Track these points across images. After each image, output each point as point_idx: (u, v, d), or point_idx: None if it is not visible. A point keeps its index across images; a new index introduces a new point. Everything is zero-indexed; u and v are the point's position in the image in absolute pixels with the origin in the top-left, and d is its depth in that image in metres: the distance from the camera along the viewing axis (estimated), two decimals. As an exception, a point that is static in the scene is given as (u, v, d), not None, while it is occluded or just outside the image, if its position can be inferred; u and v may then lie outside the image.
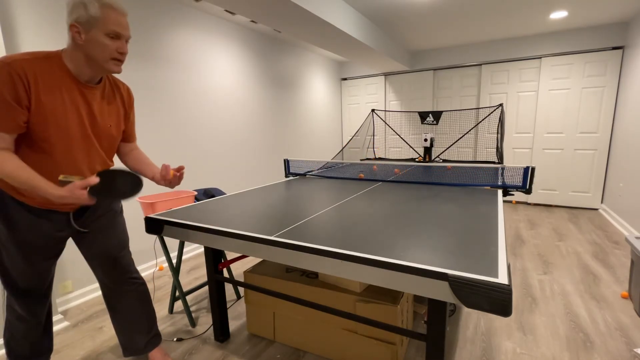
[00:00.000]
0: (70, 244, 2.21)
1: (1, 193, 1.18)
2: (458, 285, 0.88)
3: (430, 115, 3.88)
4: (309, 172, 2.81)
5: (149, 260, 2.72)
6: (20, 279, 1.24)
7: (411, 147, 4.20)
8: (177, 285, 1.92)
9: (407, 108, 5.21)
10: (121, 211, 1.49)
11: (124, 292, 1.46)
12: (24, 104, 1.05)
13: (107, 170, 1.15)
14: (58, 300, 2.15)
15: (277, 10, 2.39)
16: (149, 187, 2.66)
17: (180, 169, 1.34)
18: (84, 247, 1.38)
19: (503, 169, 2.46)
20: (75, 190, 1.07)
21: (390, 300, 1.46)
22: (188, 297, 2.30)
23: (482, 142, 4.78)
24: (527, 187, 1.99)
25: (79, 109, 1.17)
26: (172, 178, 1.32)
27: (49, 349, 1.43)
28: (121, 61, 1.17)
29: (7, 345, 1.34)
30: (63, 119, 1.13)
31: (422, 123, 3.99)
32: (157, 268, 2.74)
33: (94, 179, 1.09)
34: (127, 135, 1.43)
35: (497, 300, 0.83)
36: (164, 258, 2.84)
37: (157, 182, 1.35)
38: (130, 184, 1.18)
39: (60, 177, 1.10)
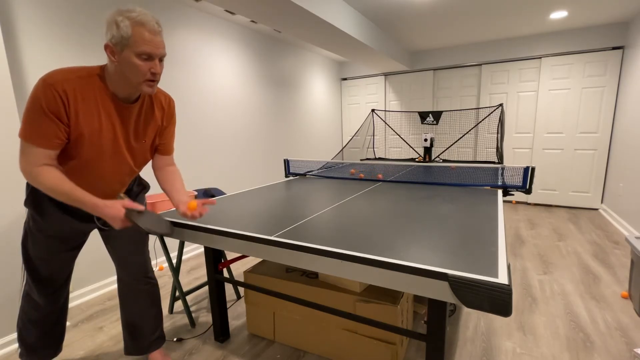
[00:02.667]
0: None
1: (34, 187, 1.24)
2: (458, 285, 0.88)
3: (430, 115, 3.88)
4: (309, 172, 2.81)
5: (149, 260, 2.72)
6: (43, 267, 1.30)
7: (411, 147, 4.20)
8: (177, 285, 1.92)
9: (407, 108, 5.21)
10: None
11: (138, 291, 1.49)
12: (64, 122, 1.07)
13: (153, 212, 1.26)
14: (58, 300, 2.16)
15: (277, 10, 2.39)
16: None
17: (205, 202, 1.29)
18: (108, 242, 1.44)
19: (503, 169, 2.46)
20: (117, 203, 1.13)
21: (390, 300, 1.46)
22: (188, 297, 2.30)
23: (482, 142, 4.78)
24: (527, 187, 1.99)
25: (115, 127, 1.18)
26: (194, 213, 1.26)
27: (60, 340, 1.46)
28: (155, 81, 1.13)
29: (20, 333, 1.37)
30: (97, 137, 1.15)
31: (422, 123, 3.99)
32: (157, 268, 2.74)
33: (140, 206, 1.17)
34: (163, 148, 1.39)
35: (497, 300, 0.83)
36: (164, 258, 2.84)
37: (179, 214, 1.29)
38: (163, 227, 1.27)
39: (121, 195, 1.24)
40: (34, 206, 1.24)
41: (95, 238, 2.35)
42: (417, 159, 3.83)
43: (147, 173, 2.52)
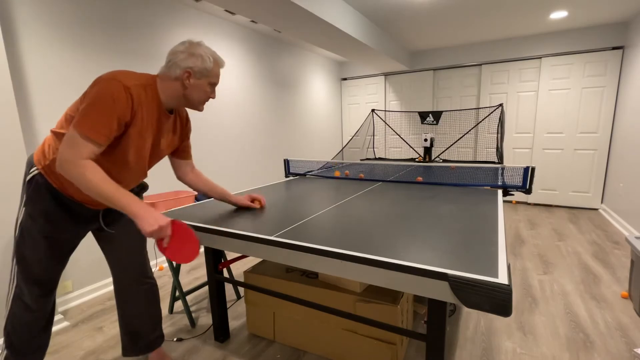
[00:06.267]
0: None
1: (38, 182, 1.22)
2: (458, 285, 0.88)
3: (430, 115, 3.88)
4: (309, 172, 2.81)
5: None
6: (37, 269, 1.29)
7: (411, 147, 4.21)
8: (177, 285, 1.92)
9: (407, 108, 5.21)
10: None
11: (136, 292, 1.49)
12: (122, 124, 1.13)
13: None
14: (58, 300, 2.15)
15: (277, 10, 2.39)
16: (149, 188, 2.66)
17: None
18: (106, 243, 1.44)
19: (503, 169, 2.46)
20: (168, 222, 1.19)
21: (390, 300, 1.46)
22: (188, 297, 2.30)
23: (482, 142, 4.78)
24: (527, 187, 1.99)
25: (154, 135, 1.28)
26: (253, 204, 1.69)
27: (46, 344, 1.44)
28: None
29: (8, 337, 1.35)
30: (142, 142, 1.23)
31: (422, 123, 3.99)
32: (157, 268, 2.74)
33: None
34: (186, 154, 1.53)
35: (497, 300, 0.83)
36: (164, 258, 2.84)
37: (242, 204, 1.69)
38: None
39: None
40: (36, 207, 1.23)
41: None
42: (417, 159, 3.83)
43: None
